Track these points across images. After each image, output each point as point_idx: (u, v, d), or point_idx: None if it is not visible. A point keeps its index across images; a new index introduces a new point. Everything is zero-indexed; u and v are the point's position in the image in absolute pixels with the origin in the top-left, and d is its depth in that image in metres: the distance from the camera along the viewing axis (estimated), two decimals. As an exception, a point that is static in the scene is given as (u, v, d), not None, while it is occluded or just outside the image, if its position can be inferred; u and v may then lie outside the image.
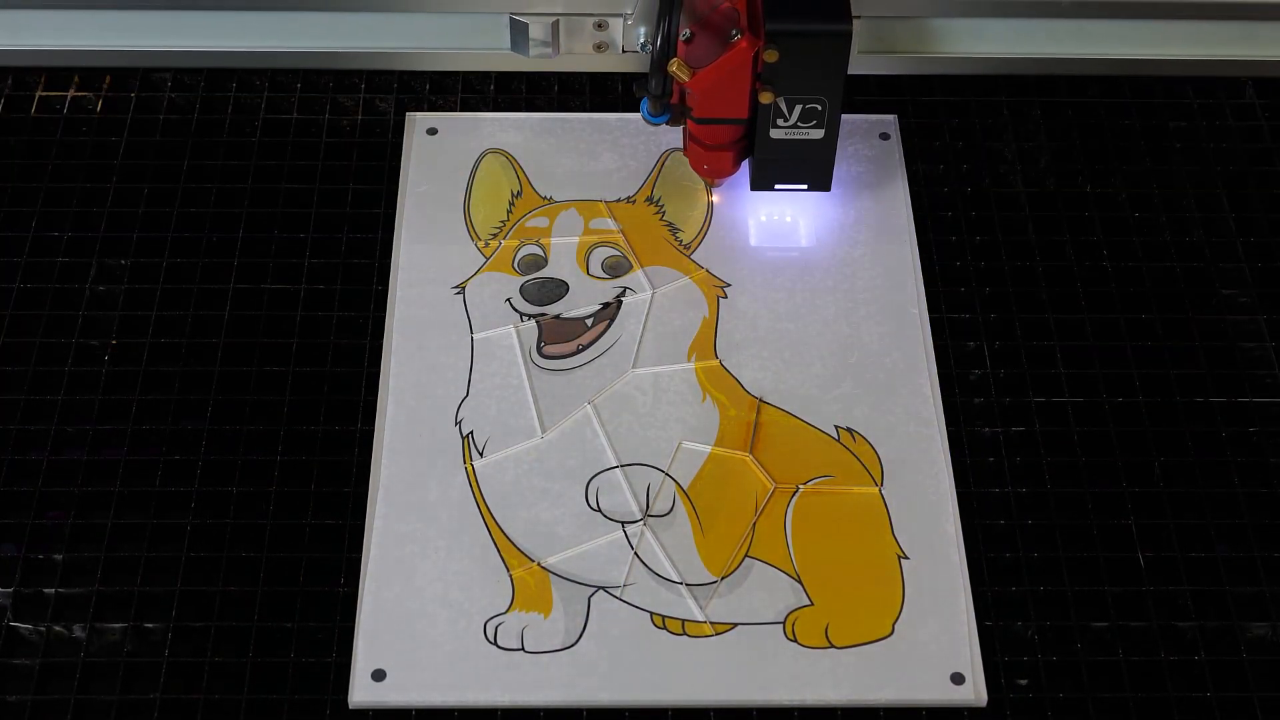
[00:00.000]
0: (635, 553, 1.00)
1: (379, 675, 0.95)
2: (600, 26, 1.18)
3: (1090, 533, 1.02)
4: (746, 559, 1.00)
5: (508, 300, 1.11)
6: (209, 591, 0.98)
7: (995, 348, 1.11)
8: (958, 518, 1.02)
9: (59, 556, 0.99)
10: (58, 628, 0.97)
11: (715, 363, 1.09)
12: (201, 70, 1.25)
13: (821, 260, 1.14)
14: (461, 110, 1.23)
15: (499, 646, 0.96)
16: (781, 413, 1.06)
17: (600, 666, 0.96)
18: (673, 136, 1.21)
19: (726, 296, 1.12)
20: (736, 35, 1.02)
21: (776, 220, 1.17)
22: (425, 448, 1.04)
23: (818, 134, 1.07)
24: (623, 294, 1.12)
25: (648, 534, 1.01)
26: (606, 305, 1.11)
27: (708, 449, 1.04)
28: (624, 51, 1.19)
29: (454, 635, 0.96)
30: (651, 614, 0.98)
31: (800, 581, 0.99)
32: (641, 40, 1.15)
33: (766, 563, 1.00)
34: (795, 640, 0.96)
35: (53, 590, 0.98)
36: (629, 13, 1.13)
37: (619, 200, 1.17)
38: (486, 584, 0.98)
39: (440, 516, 1.01)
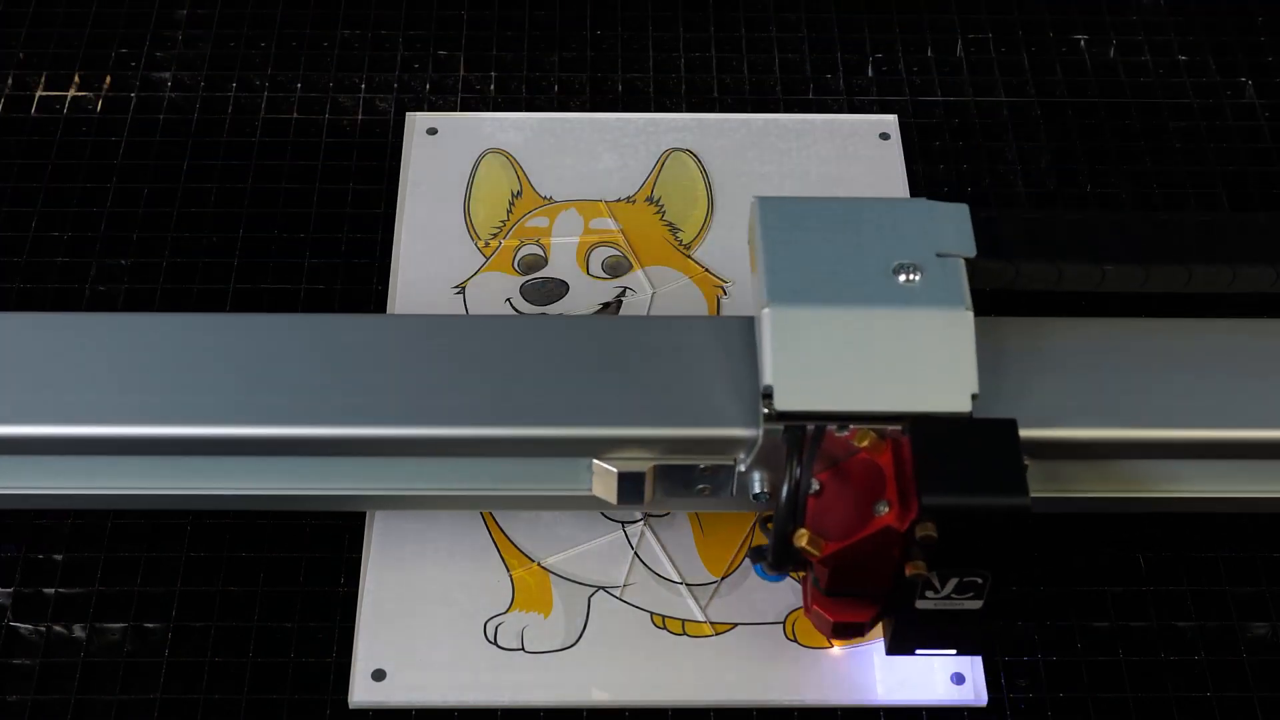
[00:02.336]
0: (635, 553, 1.00)
1: (379, 675, 0.95)
2: (707, 473, 0.89)
3: (1090, 533, 1.02)
4: (747, 559, 1.00)
5: (508, 300, 1.11)
6: (209, 591, 0.98)
7: (995, 348, 1.10)
8: (958, 518, 1.02)
9: (59, 556, 0.99)
10: (58, 628, 0.97)
11: (715, 363, 1.08)
12: (201, 68, 1.25)
13: (821, 260, 1.14)
14: (461, 110, 1.23)
15: (499, 646, 0.96)
16: (781, 413, 1.06)
17: (600, 666, 0.96)
18: (673, 136, 1.21)
19: (727, 295, 1.12)
20: (884, 508, 0.80)
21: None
22: (425, 448, 1.04)
23: (974, 605, 0.84)
24: (623, 294, 1.12)
25: (648, 534, 1.01)
26: (606, 305, 1.11)
27: (708, 449, 1.04)
28: (733, 495, 0.91)
29: (454, 635, 0.96)
30: (651, 614, 0.98)
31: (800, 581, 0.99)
32: (757, 490, 0.88)
33: (766, 563, 1.00)
34: (795, 640, 0.96)
35: (53, 590, 0.98)
36: (743, 458, 0.87)
37: (619, 200, 1.17)
38: (486, 584, 0.98)
39: (440, 516, 1.01)
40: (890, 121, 1.23)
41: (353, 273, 1.13)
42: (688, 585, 0.99)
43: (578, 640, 0.96)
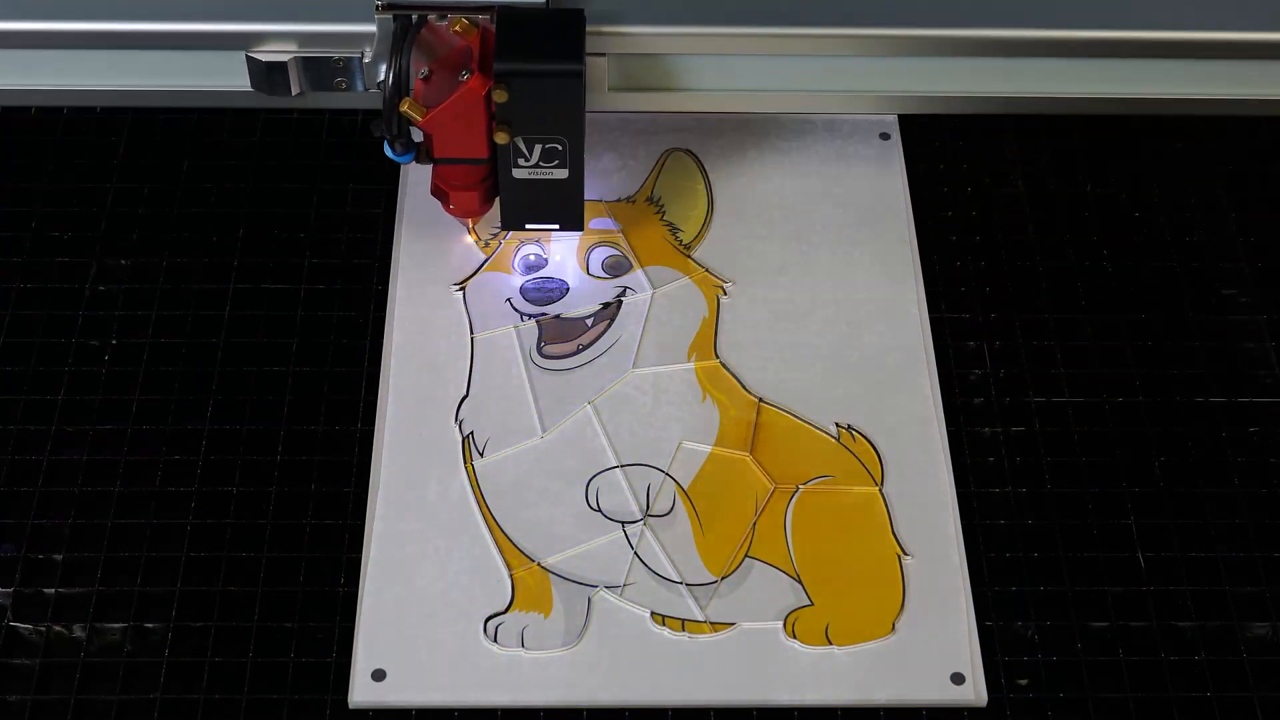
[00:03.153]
0: (635, 553, 1.00)
1: (379, 675, 0.95)
2: (340, 65, 1.08)
3: (1090, 533, 1.02)
4: (746, 559, 1.00)
5: (508, 300, 1.11)
6: (209, 591, 0.98)
7: (995, 348, 1.11)
8: (958, 518, 1.02)
9: (59, 556, 0.99)
10: (58, 628, 0.97)
11: (715, 363, 1.09)
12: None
13: (821, 260, 1.14)
14: (461, 110, 1.23)
15: (499, 646, 0.96)
16: (781, 413, 1.06)
17: (600, 666, 0.96)
18: (673, 136, 1.21)
19: (727, 295, 1.12)
20: (466, 75, 0.99)
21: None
22: (425, 448, 1.04)
23: (561, 173, 1.03)
24: (623, 294, 1.12)
25: (648, 534, 1.01)
26: (606, 305, 1.11)
27: (708, 449, 1.04)
28: (365, 90, 1.10)
29: (454, 635, 0.96)
30: (651, 614, 0.98)
31: (800, 581, 0.99)
32: (381, 78, 1.05)
33: (766, 562, 1.00)
34: (795, 640, 0.96)
35: (53, 590, 0.98)
36: (367, 50, 1.06)
37: (619, 200, 1.17)
38: (486, 584, 0.98)
39: (440, 516, 1.01)
40: (890, 121, 1.23)
41: (353, 273, 1.13)
42: (688, 585, 0.99)
43: (578, 640, 0.96)
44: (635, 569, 0.99)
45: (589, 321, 1.10)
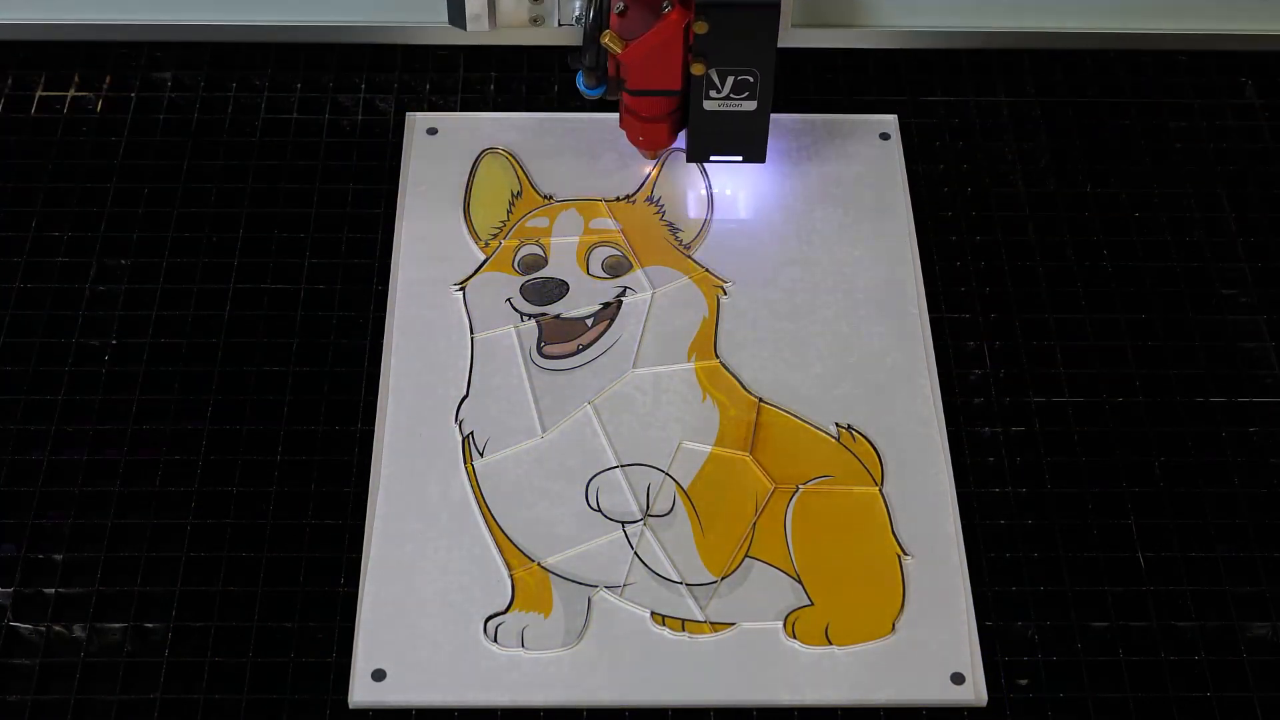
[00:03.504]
0: (635, 552, 1.00)
1: (379, 675, 0.95)
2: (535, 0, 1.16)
3: (1090, 533, 1.02)
4: (746, 559, 1.00)
5: (508, 300, 1.11)
6: (209, 591, 0.98)
7: (995, 348, 1.11)
8: (958, 518, 1.02)
9: (59, 556, 0.99)
10: (58, 628, 0.97)
11: (715, 363, 1.09)
12: (201, 69, 1.25)
13: (821, 260, 1.14)
14: (461, 110, 1.23)
15: (499, 646, 0.96)
16: (781, 413, 1.06)
17: (600, 666, 0.96)
18: (673, 136, 1.21)
19: (727, 295, 1.12)
20: (668, 7, 1.04)
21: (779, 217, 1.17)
22: (425, 448, 1.04)
23: (750, 105, 1.09)
24: (623, 294, 1.12)
25: (648, 534, 1.01)
26: (606, 305, 1.11)
27: (708, 449, 1.04)
28: (560, 25, 1.18)
29: (454, 635, 0.96)
30: (651, 614, 0.98)
31: (800, 581, 0.99)
32: (576, 13, 1.13)
33: (766, 563, 1.00)
34: (795, 640, 0.96)
35: (53, 590, 0.98)
36: None
37: (619, 200, 1.17)
38: (486, 584, 0.98)
39: (440, 516, 1.01)
40: (890, 121, 1.23)
41: (353, 273, 1.13)
42: (688, 585, 0.99)
43: (578, 640, 0.96)
44: (635, 569, 0.99)
45: (589, 321, 1.10)
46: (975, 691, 0.95)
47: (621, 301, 1.11)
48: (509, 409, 1.06)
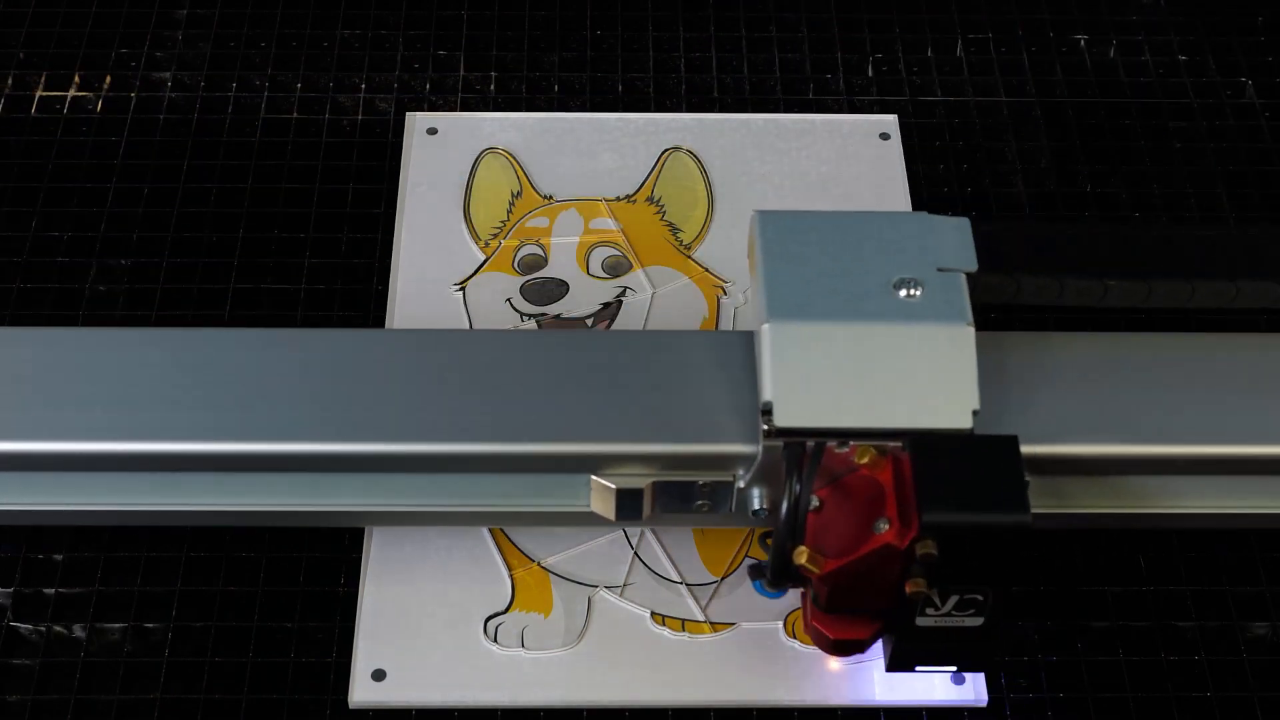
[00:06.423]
0: (635, 552, 1.00)
1: (379, 675, 0.95)
2: (706, 490, 0.88)
3: (1090, 532, 1.02)
4: (746, 559, 1.00)
5: (508, 300, 1.11)
6: (209, 591, 0.98)
7: (995, 348, 1.10)
8: (958, 518, 1.02)
9: (59, 557, 0.99)
10: (58, 628, 0.97)
11: (715, 363, 1.08)
12: (201, 69, 1.25)
13: (821, 260, 1.14)
14: (461, 110, 1.23)
15: (499, 646, 0.96)
16: (781, 413, 1.06)
17: (600, 666, 0.96)
18: (673, 136, 1.21)
19: (727, 295, 1.12)
20: (884, 526, 0.80)
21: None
22: (425, 448, 1.04)
23: (975, 622, 0.84)
24: (623, 294, 1.12)
25: (648, 534, 1.01)
26: (607, 305, 1.11)
27: (708, 449, 1.04)
28: (732, 511, 0.90)
29: (454, 635, 0.96)
30: (651, 614, 0.98)
31: (800, 581, 0.99)
32: (756, 507, 0.87)
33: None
34: (795, 640, 0.96)
35: (53, 590, 0.98)
36: (740, 474, 0.86)
37: (619, 200, 1.17)
38: (486, 584, 0.98)
39: (440, 516, 1.01)
40: (890, 121, 1.23)
41: (353, 273, 1.13)
42: (688, 585, 0.99)
43: (578, 640, 0.96)
44: (635, 569, 0.99)
45: (589, 322, 1.10)
46: (975, 691, 0.95)
47: (621, 302, 1.11)
48: (509, 409, 1.06)
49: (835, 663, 0.95)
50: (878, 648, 0.90)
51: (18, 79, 1.24)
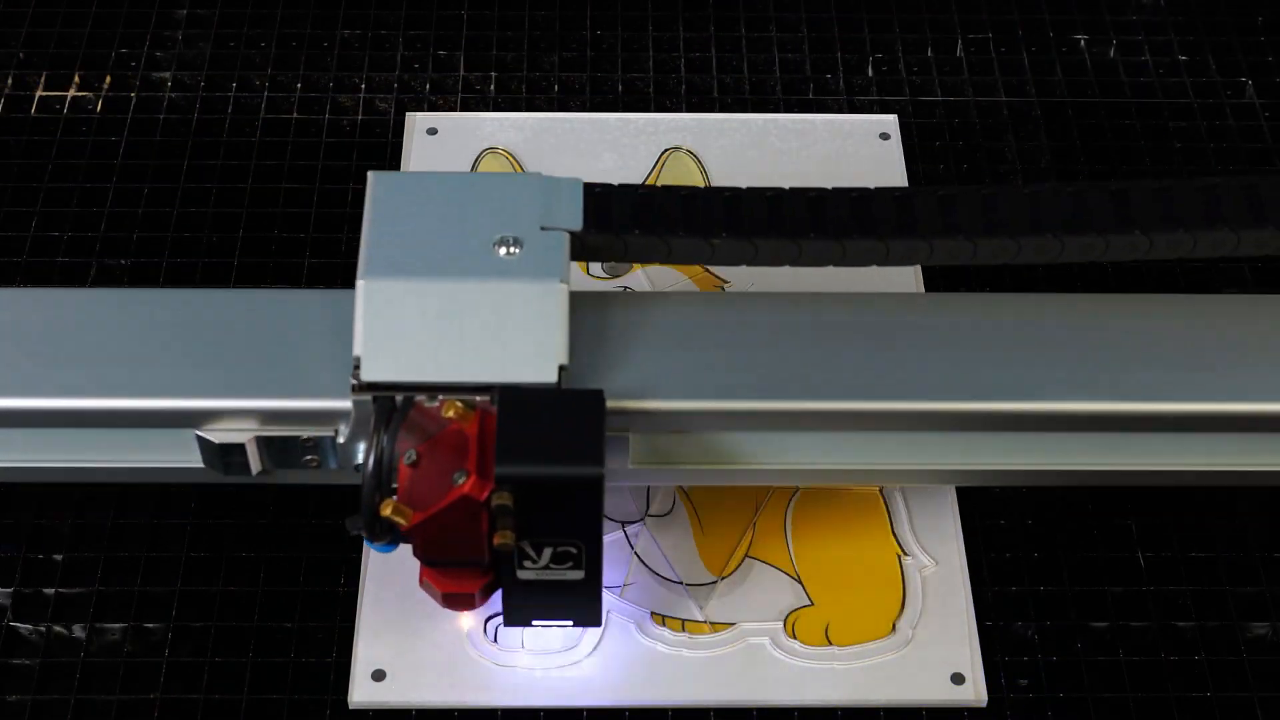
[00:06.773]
0: (635, 552, 1.00)
1: (379, 675, 0.95)
2: (310, 444, 0.88)
3: (1090, 533, 1.02)
4: (746, 559, 1.00)
5: (508, 300, 1.11)
6: (209, 591, 0.98)
7: (995, 348, 1.10)
8: (958, 518, 1.02)
9: (59, 557, 0.99)
10: (58, 628, 0.97)
11: (715, 363, 1.08)
12: (201, 69, 1.25)
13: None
14: (461, 110, 1.23)
15: (499, 647, 0.96)
16: (781, 413, 1.06)
17: (600, 666, 0.96)
18: (673, 136, 1.21)
19: (726, 296, 1.12)
20: (461, 477, 0.79)
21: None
22: (425, 448, 1.04)
23: (576, 575, 0.84)
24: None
25: (647, 534, 1.01)
26: (606, 305, 1.11)
27: (707, 449, 1.04)
28: (339, 468, 0.89)
29: (454, 635, 0.96)
30: (651, 614, 0.98)
31: (800, 581, 0.99)
32: (357, 461, 0.86)
33: (766, 563, 1.00)
34: (795, 640, 0.96)
35: (53, 590, 0.98)
36: (341, 429, 0.86)
37: (619, 200, 1.17)
38: (486, 584, 0.98)
39: (440, 516, 1.01)
40: (890, 121, 1.23)
41: (353, 273, 1.13)
42: (687, 585, 0.99)
43: (578, 641, 0.96)
44: (635, 569, 0.99)
45: (589, 321, 1.10)
46: (975, 691, 0.95)
47: (621, 301, 1.11)
48: (509, 409, 1.06)
49: (838, 649, 0.95)
50: (878, 636, 0.90)
51: (18, 79, 1.24)
